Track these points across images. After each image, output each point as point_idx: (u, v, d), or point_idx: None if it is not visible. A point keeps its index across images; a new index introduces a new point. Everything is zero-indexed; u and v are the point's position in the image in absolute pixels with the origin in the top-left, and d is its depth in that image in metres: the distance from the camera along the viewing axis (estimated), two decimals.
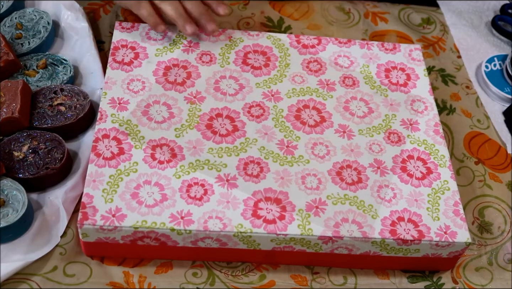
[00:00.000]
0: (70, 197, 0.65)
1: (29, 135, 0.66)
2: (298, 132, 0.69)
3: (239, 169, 0.65)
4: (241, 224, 0.61)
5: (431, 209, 0.64)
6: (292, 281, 0.64)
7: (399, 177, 0.67)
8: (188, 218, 0.60)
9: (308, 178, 0.65)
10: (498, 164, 0.77)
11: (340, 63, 0.76)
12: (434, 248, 0.63)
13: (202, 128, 0.67)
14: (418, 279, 0.66)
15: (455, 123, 0.79)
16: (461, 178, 0.74)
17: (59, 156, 0.65)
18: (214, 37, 0.76)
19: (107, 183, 0.62)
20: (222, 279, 0.63)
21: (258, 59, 0.75)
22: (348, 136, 0.69)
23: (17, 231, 0.62)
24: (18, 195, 0.62)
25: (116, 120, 0.66)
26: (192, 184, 0.63)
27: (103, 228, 0.59)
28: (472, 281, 0.67)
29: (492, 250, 0.69)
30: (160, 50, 0.73)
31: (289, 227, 0.61)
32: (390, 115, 0.72)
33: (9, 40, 0.75)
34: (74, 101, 0.70)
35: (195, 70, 0.72)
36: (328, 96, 0.73)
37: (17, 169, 0.64)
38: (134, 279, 0.62)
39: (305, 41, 0.78)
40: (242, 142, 0.67)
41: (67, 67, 0.73)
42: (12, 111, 0.65)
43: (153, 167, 0.63)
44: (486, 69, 0.86)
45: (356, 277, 0.66)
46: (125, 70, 0.71)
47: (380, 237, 0.62)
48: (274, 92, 0.72)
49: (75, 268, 0.62)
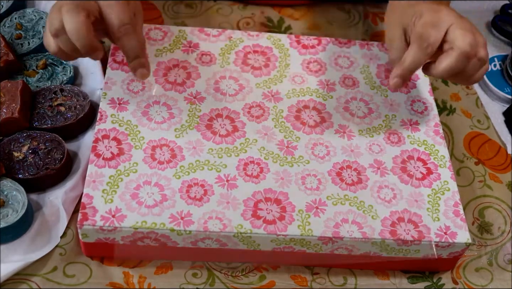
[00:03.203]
0: (70, 197, 0.65)
1: (29, 136, 0.66)
2: (298, 132, 0.69)
3: (239, 169, 0.65)
4: (241, 225, 0.60)
5: (431, 210, 0.64)
6: (292, 282, 0.64)
7: (399, 177, 0.67)
8: (188, 218, 0.60)
9: (308, 178, 0.65)
10: (498, 164, 0.77)
11: (340, 63, 0.76)
12: (434, 249, 0.63)
13: (202, 129, 0.67)
14: (418, 280, 0.66)
15: (455, 124, 0.79)
16: (461, 178, 0.74)
17: (59, 156, 0.65)
18: (214, 37, 0.76)
19: (107, 183, 0.61)
20: (222, 279, 0.63)
21: (258, 60, 0.75)
22: (348, 136, 0.69)
23: (17, 231, 0.62)
24: (18, 196, 0.62)
25: (116, 120, 0.66)
26: (192, 184, 0.63)
27: (103, 228, 0.59)
28: (472, 281, 0.67)
29: (492, 251, 0.69)
30: (160, 51, 0.73)
31: (289, 227, 0.61)
32: (390, 115, 0.72)
33: (9, 41, 0.75)
34: (74, 101, 0.70)
35: (195, 71, 0.72)
36: (328, 97, 0.73)
37: (17, 169, 0.64)
38: (134, 280, 0.62)
39: (305, 42, 0.78)
40: (242, 143, 0.67)
41: (67, 68, 0.73)
42: (12, 111, 0.65)
43: (153, 167, 0.63)
44: None
45: (356, 277, 0.65)
46: (125, 71, 0.71)
47: (380, 237, 0.62)
48: (274, 93, 0.72)
49: (75, 269, 0.62)
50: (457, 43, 0.60)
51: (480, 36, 0.62)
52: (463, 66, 0.61)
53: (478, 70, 0.63)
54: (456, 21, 0.62)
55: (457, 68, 0.61)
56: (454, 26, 0.61)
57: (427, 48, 0.61)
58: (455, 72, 0.62)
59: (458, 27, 0.61)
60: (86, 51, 0.59)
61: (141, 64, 0.63)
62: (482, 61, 0.62)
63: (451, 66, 0.61)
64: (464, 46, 0.60)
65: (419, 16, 0.63)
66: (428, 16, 0.62)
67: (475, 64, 0.62)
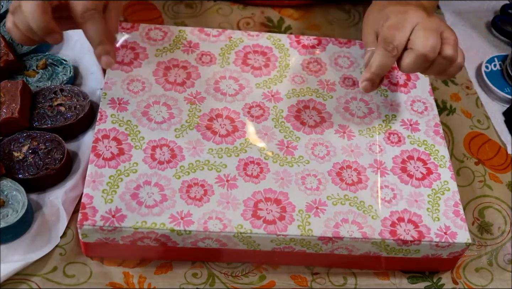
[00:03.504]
0: (70, 197, 0.65)
1: (29, 136, 0.66)
2: (298, 132, 0.69)
3: (239, 169, 0.65)
4: (241, 225, 0.60)
5: (431, 210, 0.64)
6: (292, 282, 0.64)
7: (399, 177, 0.67)
8: (188, 218, 0.60)
9: (308, 178, 0.65)
10: (498, 164, 0.77)
11: (340, 63, 0.76)
12: (434, 249, 0.63)
13: (202, 129, 0.67)
14: (418, 280, 0.66)
15: (455, 124, 0.79)
16: (461, 178, 0.74)
17: (59, 156, 0.65)
18: (214, 37, 0.76)
19: (107, 183, 0.61)
20: (222, 279, 0.63)
21: (258, 60, 0.75)
22: (348, 136, 0.69)
23: (17, 231, 0.62)
24: (18, 196, 0.62)
25: (116, 120, 0.66)
26: (192, 184, 0.63)
27: (103, 228, 0.59)
28: (472, 281, 0.67)
29: (492, 251, 0.69)
30: (160, 51, 0.73)
31: (289, 227, 0.61)
32: (390, 115, 0.72)
33: (9, 41, 0.75)
34: (74, 101, 0.70)
35: (195, 71, 0.72)
36: (328, 97, 0.73)
37: (17, 169, 0.64)
38: (134, 280, 0.62)
39: (305, 42, 0.78)
40: (242, 143, 0.67)
41: (67, 68, 0.73)
42: (12, 111, 0.65)
43: (153, 167, 0.63)
44: (486, 69, 0.86)
45: (356, 277, 0.65)
46: (125, 71, 0.71)
47: (380, 237, 0.62)
48: (274, 93, 0.72)
49: (75, 269, 0.62)
50: (416, 45, 0.61)
51: (449, 33, 0.62)
52: (424, 66, 0.62)
53: (449, 68, 0.63)
54: (421, 21, 0.62)
55: (418, 68, 0.62)
56: (418, 26, 0.62)
57: (393, 51, 0.61)
58: (418, 70, 0.63)
59: (421, 28, 0.61)
60: (42, 33, 0.57)
61: (105, 51, 0.60)
62: (448, 59, 0.62)
63: (410, 66, 0.62)
64: (422, 49, 0.60)
65: (385, 19, 0.63)
66: (393, 19, 0.63)
67: (441, 62, 0.62)
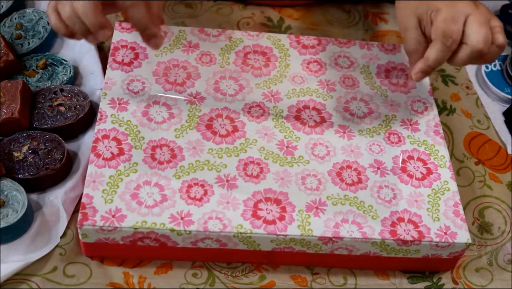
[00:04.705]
0: (70, 197, 0.65)
1: (29, 136, 0.66)
2: (298, 132, 0.69)
3: (239, 169, 0.65)
4: (241, 225, 0.60)
5: (431, 210, 0.64)
6: (292, 282, 0.64)
7: (399, 177, 0.67)
8: (188, 218, 0.60)
9: (308, 178, 0.65)
10: (498, 164, 0.77)
11: (340, 63, 0.76)
12: (434, 249, 0.63)
13: (202, 129, 0.67)
14: (418, 280, 0.66)
15: (455, 124, 0.79)
16: (461, 178, 0.74)
17: (59, 156, 0.65)
18: (214, 37, 0.76)
19: (107, 183, 0.61)
20: (222, 279, 0.63)
21: (258, 60, 0.75)
22: (348, 136, 0.69)
23: (17, 231, 0.62)
24: (18, 196, 0.62)
25: (116, 120, 0.66)
26: (192, 184, 0.63)
27: (103, 228, 0.59)
28: (472, 281, 0.67)
29: (492, 251, 0.69)
30: (160, 51, 0.73)
31: (289, 227, 0.61)
32: (390, 115, 0.72)
33: (9, 41, 0.75)
34: (74, 101, 0.70)
35: (195, 71, 0.72)
36: (328, 97, 0.73)
37: (17, 169, 0.64)
38: (134, 280, 0.62)
39: (305, 42, 0.78)
40: (242, 143, 0.67)
41: (67, 68, 0.73)
42: (12, 111, 0.65)
43: (153, 167, 0.63)
44: (486, 69, 0.86)
45: (356, 277, 0.65)
46: (125, 71, 0.71)
47: (380, 237, 0.62)
48: (274, 93, 0.72)
49: (75, 269, 0.62)
50: (471, 40, 0.61)
51: (495, 21, 0.63)
52: (478, 58, 0.63)
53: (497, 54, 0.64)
54: (472, 12, 0.62)
55: (471, 62, 0.64)
56: (470, 19, 0.62)
57: (452, 45, 0.62)
58: (471, 64, 0.65)
59: (474, 21, 0.62)
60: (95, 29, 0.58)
61: (152, 35, 0.61)
62: (500, 46, 0.63)
63: (465, 61, 0.63)
64: (476, 43, 0.61)
65: (436, 10, 0.63)
66: (446, 11, 0.62)
67: (493, 51, 0.63)
